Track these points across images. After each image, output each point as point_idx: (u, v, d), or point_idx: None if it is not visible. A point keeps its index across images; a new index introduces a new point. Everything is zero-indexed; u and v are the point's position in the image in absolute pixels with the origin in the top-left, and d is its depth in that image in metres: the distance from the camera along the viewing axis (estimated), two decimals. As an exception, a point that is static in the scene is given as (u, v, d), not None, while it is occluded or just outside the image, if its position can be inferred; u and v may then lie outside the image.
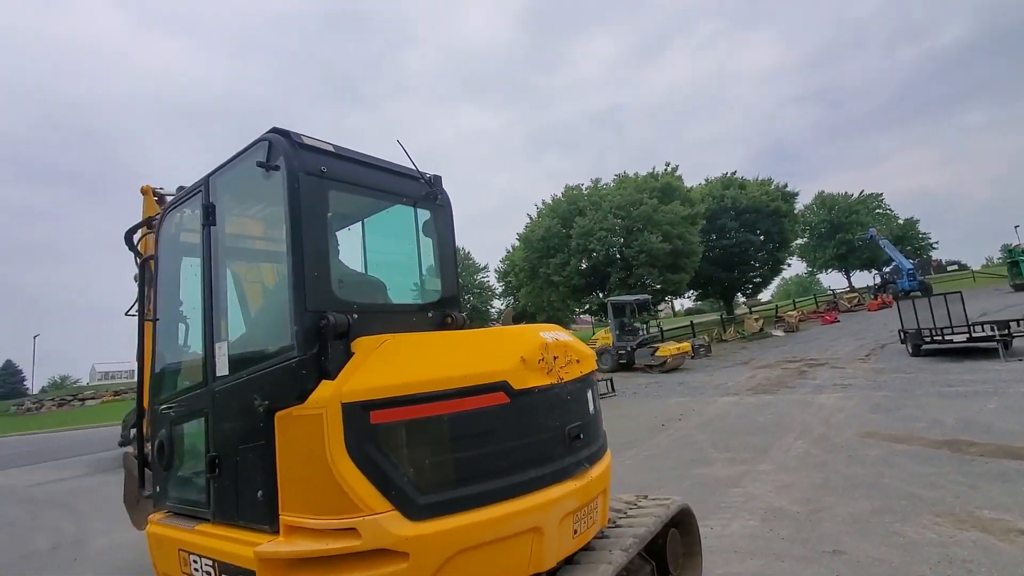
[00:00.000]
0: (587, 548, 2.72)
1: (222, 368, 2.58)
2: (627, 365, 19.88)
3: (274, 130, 2.51)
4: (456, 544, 2.03)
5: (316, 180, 2.46)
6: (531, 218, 31.78)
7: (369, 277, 3.15)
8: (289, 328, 2.29)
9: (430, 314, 3.06)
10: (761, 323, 27.44)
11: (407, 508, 1.99)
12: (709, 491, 5.67)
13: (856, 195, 50.57)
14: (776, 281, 52.35)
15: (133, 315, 4.82)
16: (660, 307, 40.41)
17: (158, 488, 3.03)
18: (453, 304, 3.21)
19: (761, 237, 35.43)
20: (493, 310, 48.38)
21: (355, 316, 2.35)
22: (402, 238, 3.21)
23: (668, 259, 26.96)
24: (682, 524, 3.57)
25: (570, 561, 2.57)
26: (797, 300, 41.79)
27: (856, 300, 34.43)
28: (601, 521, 2.77)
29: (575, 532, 2.46)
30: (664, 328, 28.13)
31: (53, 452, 15.20)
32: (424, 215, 3.20)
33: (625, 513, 3.27)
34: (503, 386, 2.23)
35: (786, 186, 38.27)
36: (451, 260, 3.30)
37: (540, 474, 2.29)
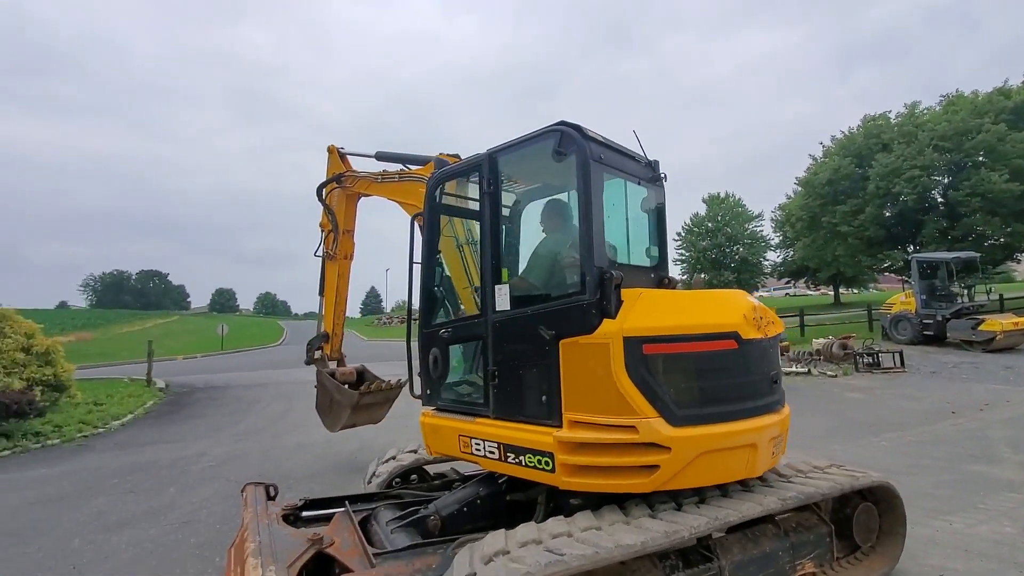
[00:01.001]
0: (746, 489, 3.14)
1: (502, 304, 3.17)
2: (935, 338, 16.26)
3: (563, 123, 3.04)
4: (702, 447, 2.72)
5: (598, 166, 3.05)
6: (814, 159, 27.26)
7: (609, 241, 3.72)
8: (572, 277, 3.10)
9: (652, 275, 3.70)
10: None
11: (669, 416, 2.67)
12: (973, 489, 4.97)
13: None
14: None
15: (319, 256, 6.19)
16: (1006, 266, 30.39)
17: (428, 392, 3.64)
18: (665, 268, 3.81)
19: None
20: (767, 263, 43.82)
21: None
22: (611, 209, 3.66)
23: (1018, 204, 20.04)
24: (883, 502, 3.53)
25: (726, 495, 3.06)
26: None
27: None
28: (782, 451, 3.30)
29: (772, 453, 3.11)
30: (1005, 296, 21.38)
31: (394, 354, 21.01)
32: (641, 193, 3.74)
33: (806, 474, 3.43)
34: (734, 335, 2.89)
35: None
36: (664, 232, 3.87)
37: (755, 405, 2.95)
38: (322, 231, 6.21)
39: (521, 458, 2.97)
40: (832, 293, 43.30)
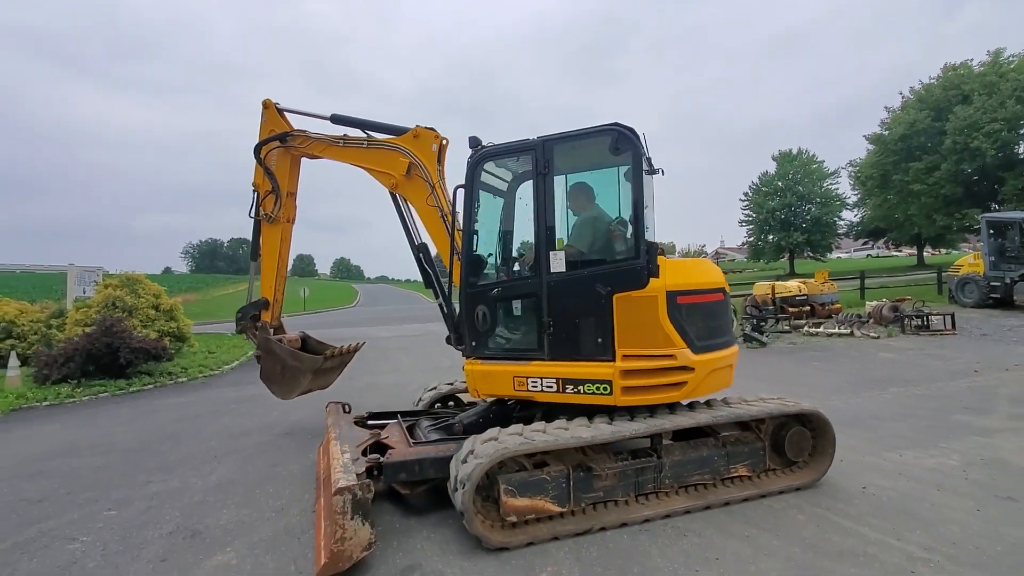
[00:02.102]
0: (692, 409, 4.11)
1: (557, 267, 3.92)
2: (1003, 302, 15.69)
3: (617, 124, 3.84)
4: (710, 367, 3.87)
5: (647, 163, 3.95)
6: (889, 112, 25.55)
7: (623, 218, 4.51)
8: (621, 246, 4.06)
9: None
10: None
11: (693, 347, 3.79)
12: (945, 433, 5.49)
13: None
14: None
15: (252, 217, 5.78)
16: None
17: (474, 343, 4.21)
18: None
19: None
20: (841, 222, 41.60)
21: None
22: (608, 191, 4.55)
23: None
24: (818, 428, 4.34)
25: (673, 411, 4.04)
26: None
27: None
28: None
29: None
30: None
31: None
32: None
33: (748, 402, 4.32)
34: (722, 290, 4.13)
35: None
36: (653, 212, 4.69)
37: (728, 339, 4.21)
38: (256, 191, 5.77)
39: (580, 388, 3.84)
40: (916, 254, 40.69)
